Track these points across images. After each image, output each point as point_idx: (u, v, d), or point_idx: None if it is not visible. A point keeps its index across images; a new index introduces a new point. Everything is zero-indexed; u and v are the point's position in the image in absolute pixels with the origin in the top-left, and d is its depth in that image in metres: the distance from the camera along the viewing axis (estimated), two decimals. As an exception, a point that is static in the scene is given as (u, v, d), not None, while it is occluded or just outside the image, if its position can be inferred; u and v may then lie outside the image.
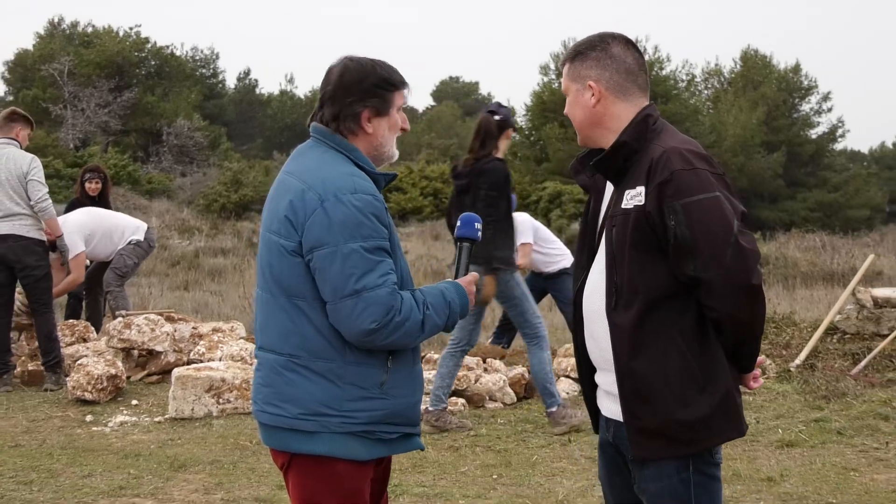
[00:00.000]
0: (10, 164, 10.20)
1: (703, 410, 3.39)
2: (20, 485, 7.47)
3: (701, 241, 3.29)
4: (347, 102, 3.60)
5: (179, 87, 60.72)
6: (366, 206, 3.42)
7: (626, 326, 3.40)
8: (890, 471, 7.60)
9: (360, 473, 3.56)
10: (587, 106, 3.57)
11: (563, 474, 7.64)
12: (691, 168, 3.35)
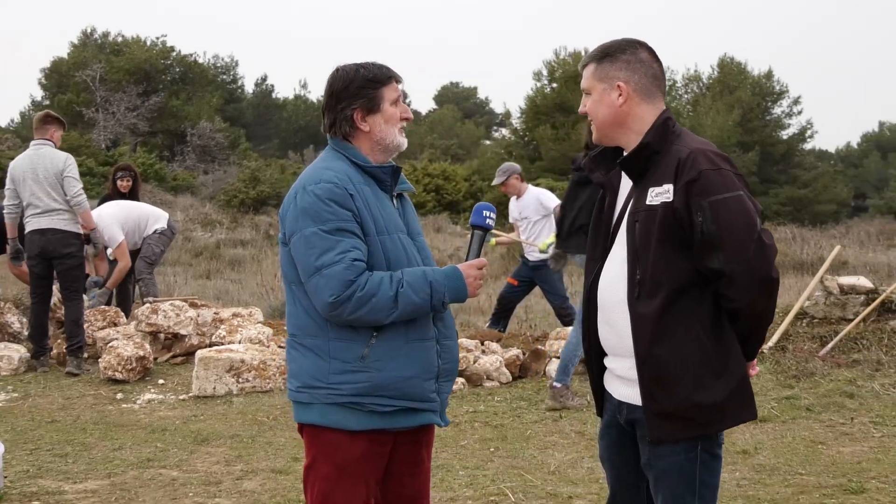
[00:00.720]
0: (47, 162, 10.21)
1: (720, 395, 3.40)
2: (56, 457, 7.47)
3: (726, 237, 3.30)
4: (339, 109, 3.66)
5: (202, 92, 60.68)
6: (325, 192, 3.48)
7: (650, 315, 3.38)
8: (855, 444, 7.60)
9: (353, 443, 3.55)
10: (613, 105, 3.54)
11: (555, 447, 7.64)
12: (717, 168, 3.36)
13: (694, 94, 59.26)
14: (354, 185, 3.55)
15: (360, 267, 3.45)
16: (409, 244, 3.67)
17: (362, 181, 3.60)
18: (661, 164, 3.46)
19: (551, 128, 47.70)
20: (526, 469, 7.05)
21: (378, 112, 3.64)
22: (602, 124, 3.60)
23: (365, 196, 3.56)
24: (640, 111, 3.55)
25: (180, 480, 6.86)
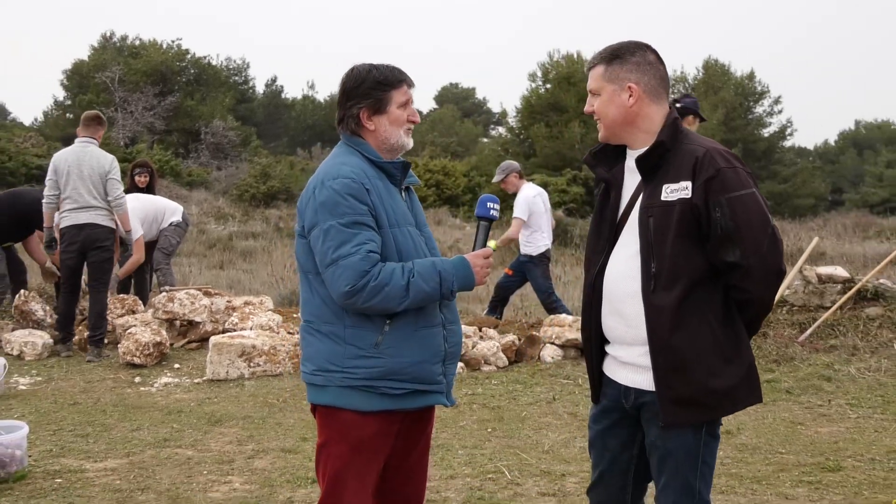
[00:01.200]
0: (94, 161, 10.29)
1: (731, 380, 3.43)
2: (78, 437, 7.48)
3: (744, 232, 3.33)
4: (347, 106, 3.69)
5: (215, 93, 60.60)
6: (342, 187, 3.50)
7: (667, 307, 3.39)
8: (832, 424, 7.61)
9: (366, 423, 3.57)
10: (624, 105, 3.53)
11: (549, 428, 7.65)
12: (732, 167, 3.38)
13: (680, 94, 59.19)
14: (369, 179, 3.57)
15: (374, 258, 3.47)
16: (417, 236, 3.68)
17: (375, 176, 3.62)
18: (673, 161, 3.46)
19: (545, 126, 47.67)
20: (521, 448, 7.05)
21: (384, 113, 3.65)
22: (612, 124, 3.58)
23: (378, 190, 3.59)
24: (649, 111, 3.55)
25: (195, 459, 6.87)
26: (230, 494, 6.08)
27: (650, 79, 3.54)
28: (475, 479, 6.30)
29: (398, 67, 3.72)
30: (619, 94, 3.53)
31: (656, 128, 3.52)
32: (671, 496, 3.51)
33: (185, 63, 61.52)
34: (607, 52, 3.59)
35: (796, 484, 6.09)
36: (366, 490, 3.62)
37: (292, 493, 6.04)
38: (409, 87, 3.71)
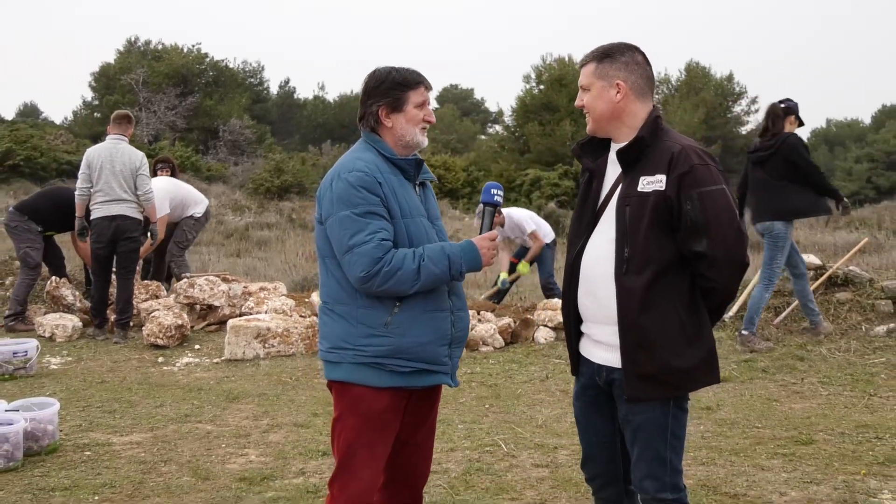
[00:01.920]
0: (125, 157, 10.36)
1: (692, 361, 3.46)
2: (105, 413, 7.48)
3: (712, 224, 3.37)
4: (368, 104, 3.69)
5: (232, 93, 60.53)
6: (356, 180, 3.53)
7: (637, 289, 3.42)
8: (805, 401, 7.61)
9: (376, 398, 3.58)
10: (612, 101, 3.55)
11: (542, 404, 7.65)
12: (705, 164, 3.42)
13: (664, 94, 59.04)
14: (382, 174, 3.59)
15: (387, 246, 3.49)
16: (428, 227, 3.69)
17: (389, 171, 3.63)
18: (651, 156, 3.49)
19: (538, 124, 47.63)
20: (517, 423, 7.05)
21: (401, 112, 3.66)
22: (599, 118, 3.60)
23: (391, 184, 3.60)
24: (635, 108, 3.58)
25: (214, 433, 6.87)
26: (247, 466, 6.08)
27: (637, 78, 3.57)
28: (474, 452, 6.30)
29: (417, 70, 3.73)
30: (607, 91, 3.55)
31: (639, 124, 3.55)
32: (644, 468, 3.53)
33: (204, 66, 61.42)
34: (599, 51, 3.61)
35: (772, 456, 6.09)
36: (376, 461, 3.63)
37: (304, 464, 6.04)
38: (427, 89, 3.72)
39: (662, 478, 3.51)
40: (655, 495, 3.52)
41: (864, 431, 6.62)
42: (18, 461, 6.11)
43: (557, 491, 5.51)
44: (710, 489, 5.46)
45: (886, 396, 7.69)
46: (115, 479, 5.84)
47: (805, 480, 5.60)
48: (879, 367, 8.60)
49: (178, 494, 5.55)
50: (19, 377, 8.88)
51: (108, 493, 5.60)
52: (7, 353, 8.97)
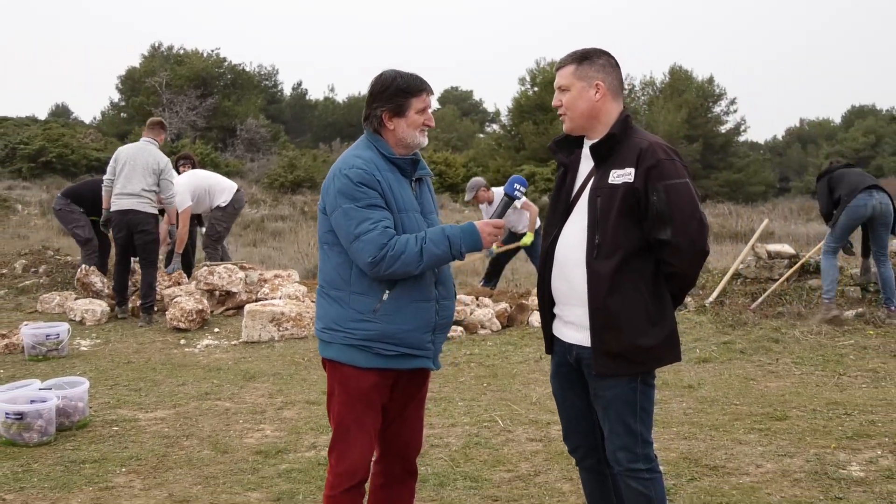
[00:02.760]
0: (150, 158, 10.38)
1: (655, 341, 3.48)
2: (132, 391, 7.49)
3: (675, 214, 3.38)
4: (373, 107, 3.67)
5: (248, 95, 60.44)
6: (355, 176, 3.53)
7: (606, 273, 3.43)
8: (779, 380, 7.61)
9: (363, 377, 3.59)
10: (591, 100, 3.56)
11: (536, 383, 7.65)
12: (670, 159, 3.44)
13: (649, 96, 58.92)
14: (379, 171, 3.57)
15: (390, 233, 3.49)
16: (421, 221, 3.67)
17: (386, 168, 3.61)
18: (621, 151, 3.51)
19: (533, 123, 47.55)
20: (512, 400, 7.06)
21: (403, 117, 3.63)
22: (579, 116, 3.60)
23: (388, 181, 3.59)
24: (610, 107, 3.59)
25: (232, 410, 6.88)
26: (262, 440, 6.09)
27: (612, 79, 3.59)
28: (473, 427, 6.31)
29: (420, 77, 3.69)
30: (587, 90, 3.56)
31: (612, 122, 3.57)
32: (616, 441, 3.55)
33: (222, 69, 61.34)
34: (578, 54, 3.62)
35: (749, 431, 6.10)
36: (366, 433, 3.64)
37: (315, 438, 6.05)
38: (428, 95, 3.69)
39: (634, 449, 3.53)
40: (629, 466, 3.54)
41: (834, 408, 6.63)
42: (51, 436, 6.12)
43: (550, 463, 5.52)
44: (692, 462, 5.46)
45: (855, 376, 7.70)
46: (141, 453, 5.85)
47: (779, 453, 5.61)
48: (848, 349, 8.60)
49: (199, 466, 5.56)
50: (52, 358, 8.90)
51: (135, 465, 5.62)
52: (41, 335, 8.99)
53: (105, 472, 5.46)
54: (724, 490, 4.99)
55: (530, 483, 5.19)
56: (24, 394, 6.35)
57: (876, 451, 5.62)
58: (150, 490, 5.16)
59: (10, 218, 23.41)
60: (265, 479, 5.31)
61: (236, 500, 4.97)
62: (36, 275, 13.40)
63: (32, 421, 6.05)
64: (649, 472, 3.56)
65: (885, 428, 6.11)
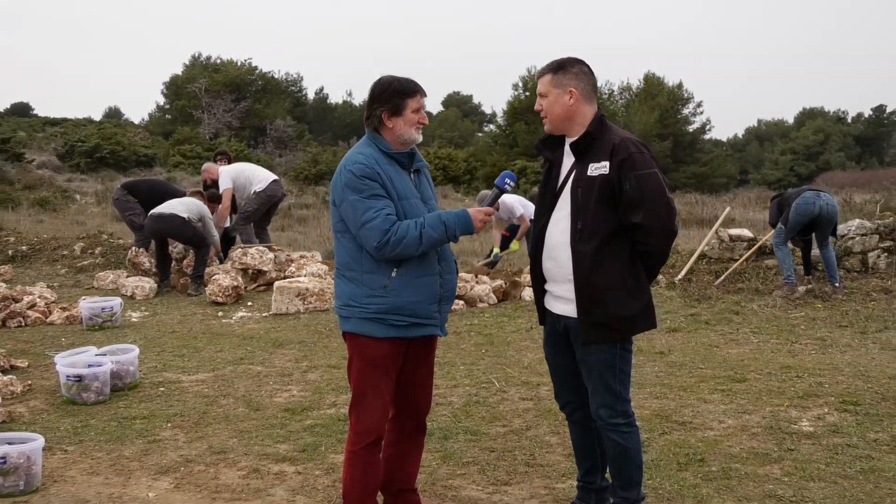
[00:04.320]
0: (194, 206, 10.93)
1: (633, 311, 3.52)
2: (176, 357, 7.50)
3: (646, 200, 3.41)
4: (373, 108, 3.65)
5: (277, 99, 60.24)
6: (358, 171, 3.52)
7: (587, 253, 3.46)
8: (739, 347, 7.60)
9: (378, 346, 3.58)
10: (566, 105, 3.57)
11: (527, 350, 7.65)
12: (640, 152, 3.46)
13: (626, 99, 58.76)
14: (379, 165, 3.56)
15: (392, 220, 3.49)
16: (420, 207, 3.65)
17: (386, 162, 3.60)
18: (597, 147, 3.53)
19: (525, 124, 47.40)
20: (507, 365, 7.06)
21: (400, 116, 3.61)
22: (556, 119, 3.62)
23: (388, 173, 3.57)
24: (584, 110, 3.60)
25: (263, 373, 6.88)
26: (290, 399, 6.10)
27: (585, 85, 3.59)
28: (472, 388, 6.31)
29: (415, 80, 3.68)
30: (562, 96, 3.58)
31: (588, 122, 3.57)
32: (599, 399, 3.59)
33: (254, 76, 61.11)
34: (554, 65, 3.62)
35: (712, 391, 6.10)
36: (382, 397, 3.64)
37: (336, 398, 6.05)
38: (422, 97, 3.66)
39: (614, 406, 3.57)
40: (609, 421, 3.58)
41: (787, 372, 6.62)
42: (107, 395, 6.14)
43: (539, 419, 5.53)
44: (663, 418, 5.47)
45: (805, 343, 7.69)
46: (184, 410, 5.86)
47: (739, 411, 5.61)
48: (799, 320, 8.59)
49: (235, 422, 5.57)
50: (107, 328, 8.92)
51: (179, 420, 5.63)
52: (97, 308, 9.01)
53: (153, 427, 5.48)
54: (690, 443, 5.00)
55: (522, 436, 5.19)
56: (83, 359, 6.36)
57: (823, 409, 5.62)
58: (192, 442, 5.18)
59: (69, 206, 23.39)
60: (292, 433, 5.32)
61: (267, 452, 4.98)
62: (92, 256, 13.41)
63: (90, 383, 6.07)
64: (627, 427, 3.60)
65: (831, 389, 6.11)
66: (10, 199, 22.00)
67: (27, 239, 14.67)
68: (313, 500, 4.25)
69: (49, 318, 9.45)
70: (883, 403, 5.72)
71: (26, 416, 5.76)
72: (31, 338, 8.55)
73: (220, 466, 4.75)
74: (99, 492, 4.39)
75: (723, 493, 4.23)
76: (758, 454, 4.79)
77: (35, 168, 33.83)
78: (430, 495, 4.23)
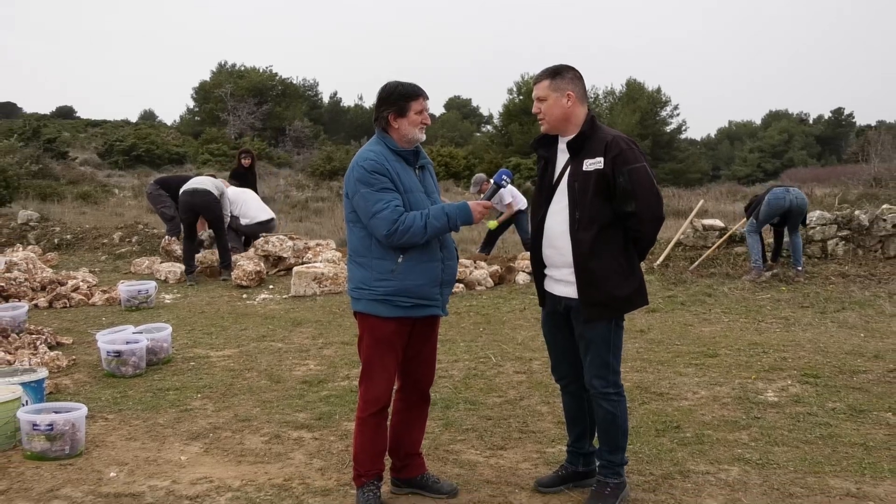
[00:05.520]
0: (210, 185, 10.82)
1: (628, 291, 3.54)
2: (205, 335, 7.51)
3: (637, 191, 3.42)
4: (380, 110, 3.63)
5: (295, 102, 59.98)
6: (369, 166, 3.51)
7: (586, 241, 3.48)
8: (712, 325, 7.60)
9: (385, 325, 3.58)
10: (564, 107, 3.56)
11: (521, 328, 7.65)
12: (630, 148, 3.48)
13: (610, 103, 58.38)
14: (388, 161, 3.55)
15: (400, 210, 3.47)
16: (425, 200, 3.64)
17: (393, 159, 3.58)
18: (591, 145, 3.53)
19: (519, 125, 47.21)
20: (502, 342, 7.06)
21: (405, 117, 3.59)
22: (555, 120, 3.61)
23: (395, 169, 3.56)
24: (579, 111, 3.59)
25: (283, 349, 6.89)
26: (307, 372, 6.10)
27: (579, 89, 3.59)
28: (471, 362, 6.31)
29: (417, 84, 3.66)
30: (561, 99, 3.56)
31: (581, 122, 3.57)
32: (594, 370, 3.60)
33: (274, 82, 60.86)
34: (551, 70, 3.62)
35: (687, 365, 6.10)
36: (388, 370, 3.64)
37: (349, 371, 6.06)
38: (425, 99, 3.65)
39: (607, 377, 3.59)
40: (602, 390, 3.59)
41: (754, 348, 6.62)
42: (143, 369, 6.15)
43: (532, 390, 5.53)
44: (643, 389, 5.47)
45: (770, 322, 7.69)
46: (212, 382, 5.87)
47: (711, 383, 5.61)
48: (766, 301, 8.58)
49: (258, 393, 5.58)
50: (143, 309, 8.92)
51: (207, 392, 5.64)
52: (134, 291, 9.02)
53: (184, 398, 5.49)
54: (667, 412, 5.00)
55: (516, 406, 5.20)
56: (121, 336, 6.37)
57: (787, 381, 5.62)
58: (220, 411, 5.18)
59: (108, 200, 23.36)
60: (309, 402, 5.32)
61: (287, 419, 4.99)
62: (129, 244, 13.41)
63: (128, 357, 6.07)
64: (617, 396, 3.62)
65: (794, 363, 6.11)
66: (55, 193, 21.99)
67: (71, 229, 14.67)
68: (328, 463, 4.26)
69: (91, 300, 9.46)
70: (840, 376, 5.72)
71: (71, 388, 5.77)
72: (76, 317, 8.56)
73: (245, 433, 4.76)
74: (136, 455, 4.41)
75: (696, 457, 4.23)
76: (728, 422, 4.79)
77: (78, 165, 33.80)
78: (433, 459, 4.24)
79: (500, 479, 4.00)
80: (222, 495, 3.85)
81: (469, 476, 4.04)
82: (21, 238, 14.27)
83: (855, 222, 10.23)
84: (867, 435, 4.52)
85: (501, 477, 4.02)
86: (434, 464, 4.16)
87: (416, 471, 3.88)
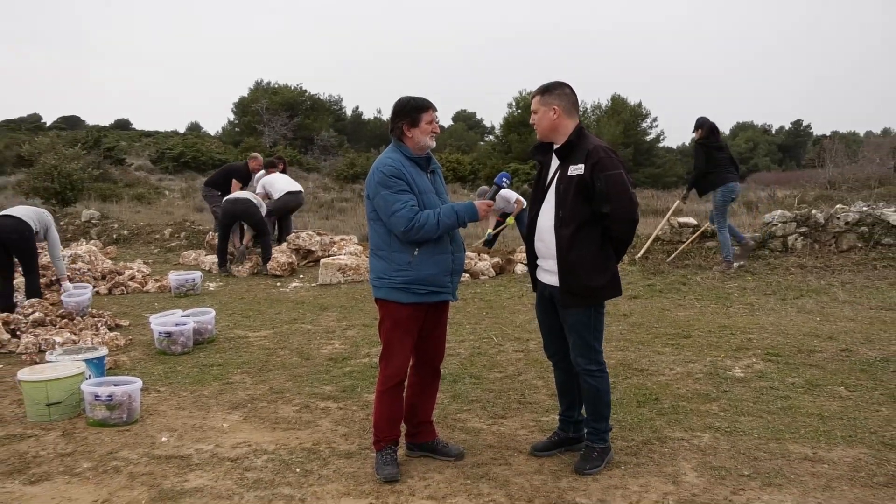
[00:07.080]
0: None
1: (602, 281, 3.50)
2: (244, 318, 7.52)
3: (613, 195, 3.39)
4: (396, 122, 3.62)
5: (322, 115, 59.99)
6: (388, 171, 3.49)
7: (567, 236, 3.45)
8: (686, 311, 7.57)
9: (403, 310, 3.57)
10: (551, 119, 3.55)
11: (520, 312, 7.64)
12: (608, 156, 3.44)
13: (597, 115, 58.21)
14: (404, 167, 3.54)
15: (415, 210, 3.47)
16: (436, 200, 3.63)
17: (409, 164, 3.57)
18: (576, 153, 3.51)
19: (517, 135, 47.17)
20: (503, 324, 7.05)
21: (417, 127, 3.57)
22: (544, 130, 3.60)
23: (411, 173, 3.55)
24: (566, 123, 3.58)
25: (312, 330, 6.90)
26: (333, 350, 6.11)
27: (566, 103, 3.57)
28: (476, 342, 6.31)
29: (427, 98, 3.65)
30: (548, 113, 3.56)
31: (569, 132, 3.56)
32: (577, 350, 3.59)
33: (304, 98, 60.79)
34: (542, 88, 3.62)
35: (664, 345, 6.08)
36: (405, 349, 3.63)
37: (369, 350, 6.07)
38: (434, 111, 3.64)
39: (589, 356, 3.58)
40: (585, 367, 3.59)
41: (723, 330, 6.60)
42: (190, 348, 6.17)
43: (529, 367, 5.52)
44: (626, 366, 5.45)
45: (738, 308, 7.66)
46: (251, 359, 5.88)
47: (685, 361, 5.60)
48: (734, 289, 8.54)
49: (290, 368, 5.59)
50: (190, 295, 8.95)
51: (246, 367, 5.65)
52: (182, 280, 9.06)
53: (226, 373, 5.50)
54: (647, 386, 4.99)
55: (515, 380, 5.20)
56: (171, 319, 6.39)
57: (752, 360, 5.60)
58: (257, 385, 5.20)
59: (160, 200, 23.46)
60: (335, 377, 5.33)
61: (315, 391, 5.00)
62: (178, 239, 13.46)
63: (177, 338, 6.10)
64: (599, 372, 3.60)
65: (758, 343, 6.08)
66: (114, 195, 22.12)
67: (128, 226, 14.73)
68: (351, 429, 4.27)
69: (145, 288, 9.50)
70: (799, 355, 5.70)
71: (128, 364, 5.80)
72: (132, 303, 8.59)
73: (279, 403, 4.77)
74: (185, 423, 4.43)
75: (672, 425, 4.22)
76: (700, 394, 4.78)
77: (133, 170, 33.90)
78: (442, 426, 4.24)
79: (501, 443, 4.00)
80: (259, 457, 3.87)
81: (474, 441, 4.04)
82: (84, 234, 14.35)
83: (812, 220, 10.18)
84: (822, 406, 4.50)
85: (502, 442, 4.03)
86: (443, 430, 4.16)
87: (428, 436, 3.88)
